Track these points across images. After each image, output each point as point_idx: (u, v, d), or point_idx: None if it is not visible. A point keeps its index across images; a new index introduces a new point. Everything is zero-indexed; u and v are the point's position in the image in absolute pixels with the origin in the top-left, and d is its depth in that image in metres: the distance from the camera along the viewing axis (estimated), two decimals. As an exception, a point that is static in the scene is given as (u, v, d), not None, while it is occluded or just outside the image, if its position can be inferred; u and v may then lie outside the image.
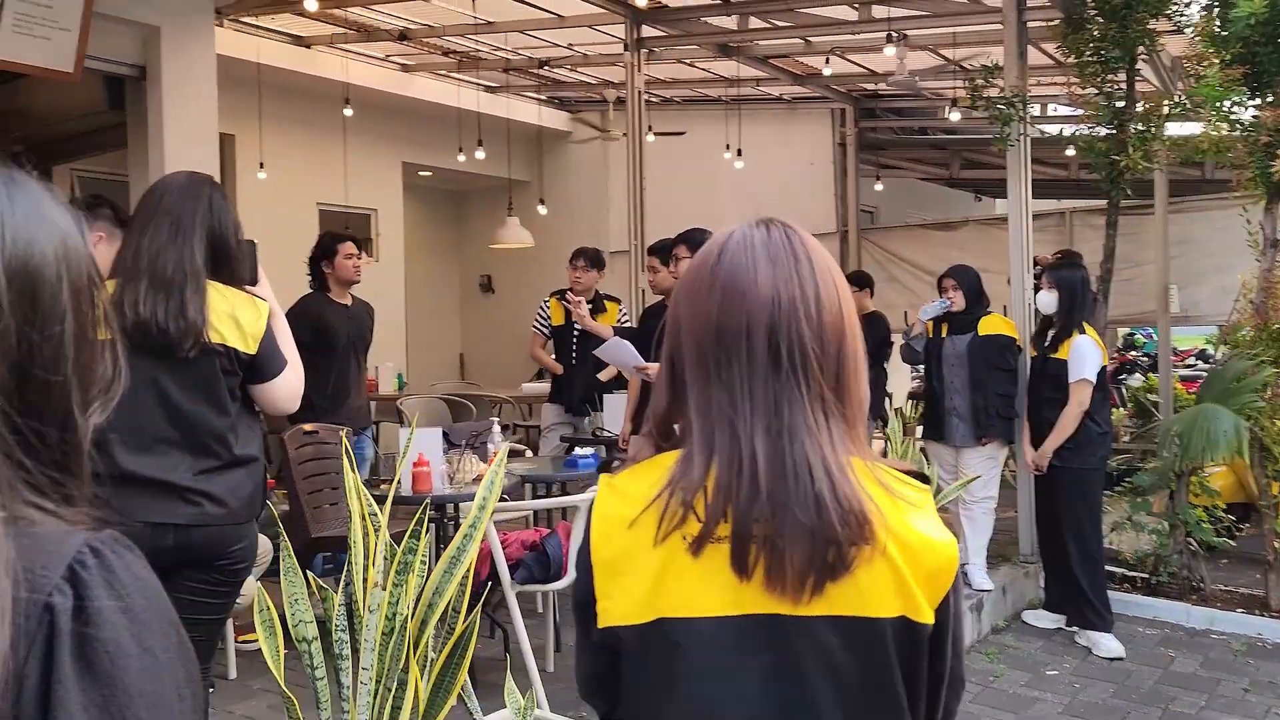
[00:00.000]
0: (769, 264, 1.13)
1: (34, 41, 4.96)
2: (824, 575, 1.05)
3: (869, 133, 10.20)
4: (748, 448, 1.07)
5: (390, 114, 9.85)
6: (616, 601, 1.11)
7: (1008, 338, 5.39)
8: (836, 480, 1.07)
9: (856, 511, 1.06)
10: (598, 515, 1.15)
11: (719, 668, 1.08)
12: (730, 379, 1.10)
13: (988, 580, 5.33)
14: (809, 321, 1.11)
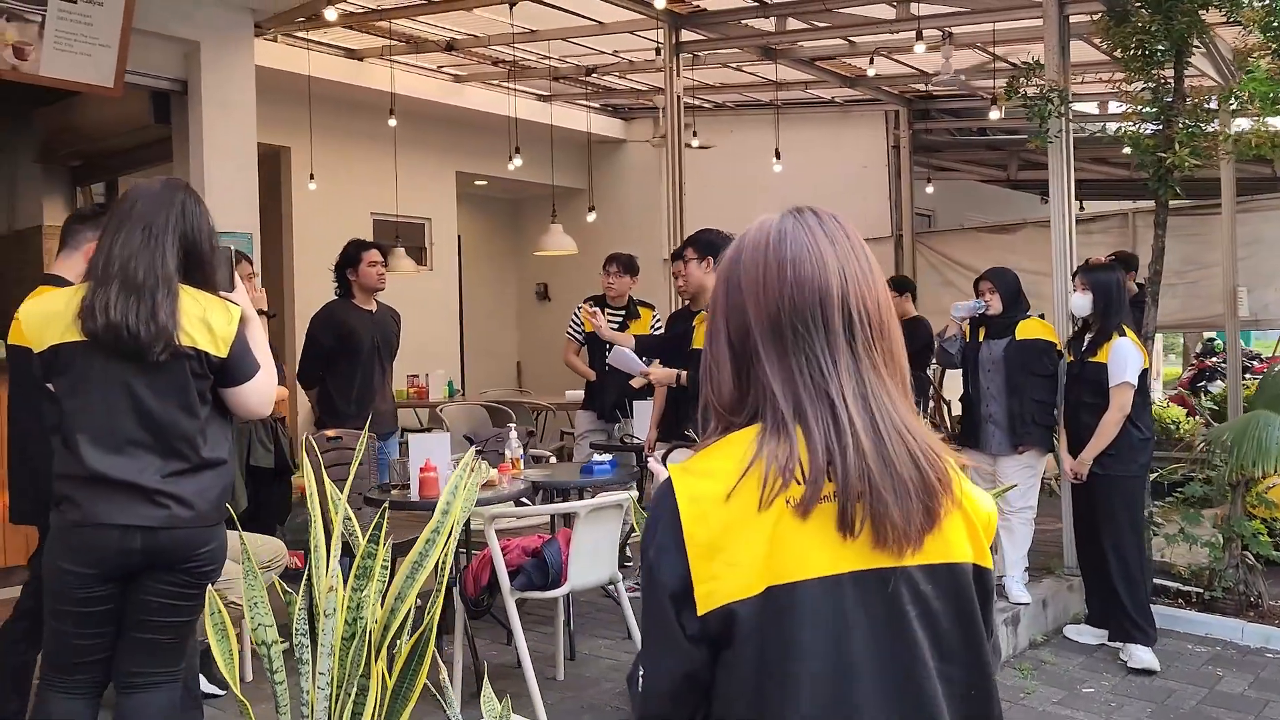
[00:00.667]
0: (829, 243, 1.23)
1: (75, 58, 5.13)
2: (925, 527, 1.15)
3: (923, 134, 9.99)
4: (843, 410, 1.16)
5: (442, 124, 9.98)
6: (724, 580, 1.12)
7: (1046, 342, 5.20)
8: (920, 439, 1.18)
9: (943, 467, 1.18)
10: (685, 498, 1.15)
11: (829, 625, 1.12)
12: (812, 349, 1.19)
13: (1025, 593, 5.14)
14: (870, 294, 1.22)
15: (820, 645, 1.12)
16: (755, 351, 1.21)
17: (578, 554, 3.51)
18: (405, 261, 9.02)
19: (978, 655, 1.20)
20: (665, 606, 1.14)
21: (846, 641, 1.13)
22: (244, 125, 5.92)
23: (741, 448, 1.17)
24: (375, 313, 5.10)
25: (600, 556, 3.61)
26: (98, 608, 2.44)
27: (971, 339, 5.41)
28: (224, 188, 5.81)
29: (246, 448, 4.37)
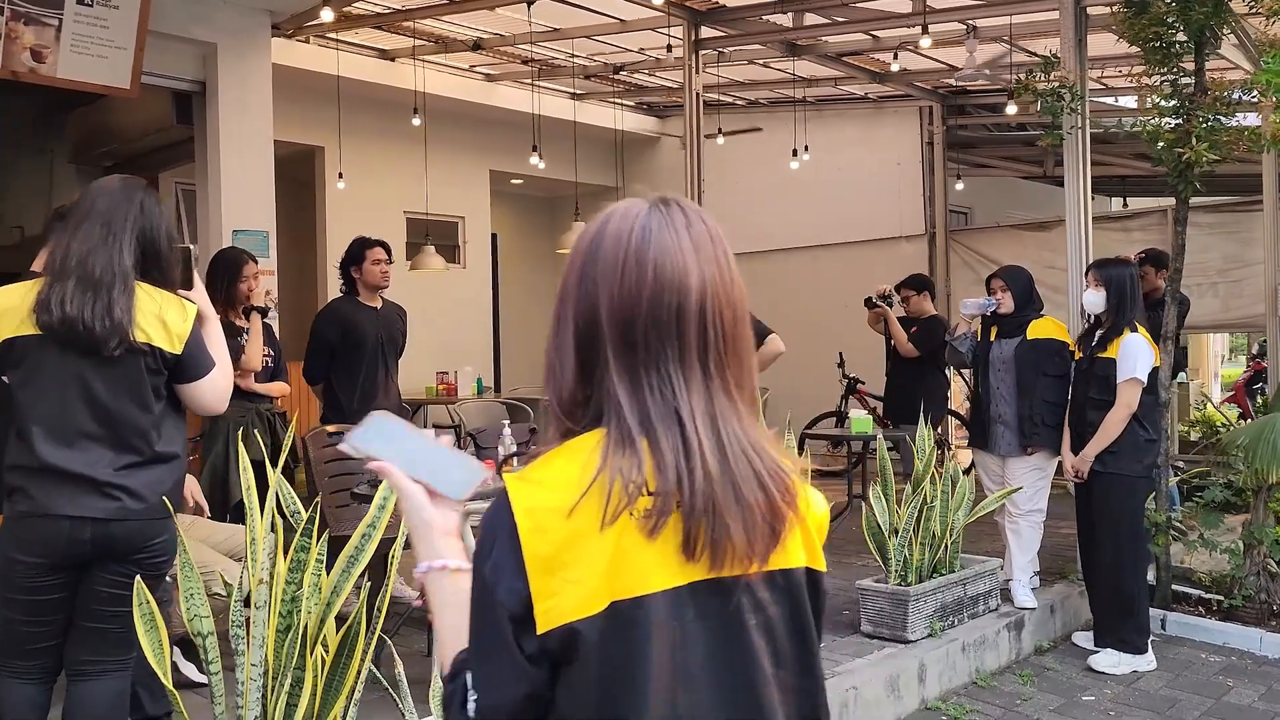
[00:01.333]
0: (694, 249, 1.17)
1: (92, 60, 5.27)
2: (770, 548, 1.14)
3: (958, 130, 9.83)
4: (692, 431, 1.12)
5: (475, 123, 10.06)
6: (565, 597, 1.08)
7: (1059, 342, 5.09)
8: (767, 459, 1.16)
9: (789, 485, 1.17)
10: (523, 510, 1.09)
11: (672, 638, 1.11)
12: (664, 364, 1.14)
13: (1031, 598, 5.03)
14: (729, 308, 1.17)
15: (664, 658, 1.11)
16: (603, 354, 1.15)
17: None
18: (435, 259, 9.11)
19: (809, 658, 1.21)
20: (503, 627, 1.08)
21: (689, 653, 1.12)
22: (261, 125, 6.03)
23: (583, 456, 1.12)
24: (380, 310, 5.16)
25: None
26: (48, 597, 2.51)
27: (983, 338, 5.32)
28: (241, 187, 5.93)
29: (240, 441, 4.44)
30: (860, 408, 7.89)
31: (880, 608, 4.50)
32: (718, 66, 8.60)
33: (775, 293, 10.67)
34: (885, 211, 10.00)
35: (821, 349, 9.48)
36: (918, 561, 4.57)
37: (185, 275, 2.76)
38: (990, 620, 4.80)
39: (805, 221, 10.31)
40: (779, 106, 10.26)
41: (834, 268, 10.15)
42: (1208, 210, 8.62)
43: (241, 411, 4.48)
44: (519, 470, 1.19)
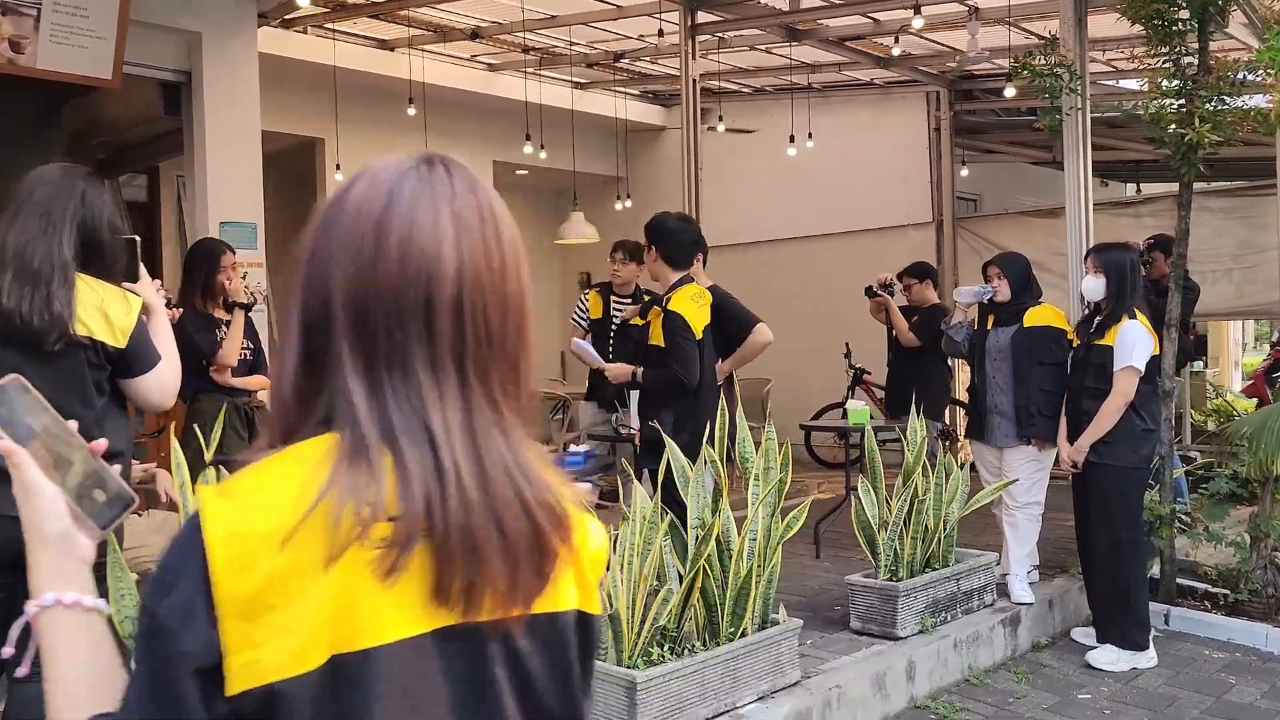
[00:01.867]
0: (455, 223, 0.93)
1: (72, 51, 5.21)
2: (535, 588, 0.93)
3: (966, 116, 9.66)
4: (444, 443, 0.89)
5: (477, 114, 9.98)
6: (270, 649, 0.83)
7: (1056, 330, 4.96)
8: (535, 482, 0.93)
9: (559, 513, 0.95)
10: (222, 536, 0.84)
11: (408, 697, 0.88)
12: (411, 360, 0.91)
13: (1028, 593, 4.91)
14: (496, 299, 0.94)
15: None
16: (335, 343, 0.91)
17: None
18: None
19: (572, 710, 1.00)
20: (181, 687, 0.83)
21: (428, 713, 0.90)
22: (249, 116, 5.97)
23: (306, 468, 0.87)
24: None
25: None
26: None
27: (980, 327, 5.20)
28: (229, 178, 5.87)
29: (220, 436, 4.38)
30: (865, 398, 7.74)
31: (869, 603, 4.39)
32: (719, 53, 8.48)
33: (782, 282, 10.54)
34: (893, 199, 9.85)
35: (828, 339, 9.36)
36: (909, 556, 4.46)
37: (130, 267, 2.68)
38: (985, 616, 4.69)
39: (812, 210, 10.18)
40: (784, 94, 10.12)
41: (841, 256, 10.01)
42: (1221, 195, 8.44)
43: (219, 405, 4.41)
44: (220, 482, 0.97)
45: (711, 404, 4.14)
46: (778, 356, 10.25)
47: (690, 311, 4.24)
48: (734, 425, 3.85)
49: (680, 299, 4.27)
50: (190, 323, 4.40)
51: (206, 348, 4.39)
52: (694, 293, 4.34)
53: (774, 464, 3.78)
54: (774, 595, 3.78)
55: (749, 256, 10.85)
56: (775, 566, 3.73)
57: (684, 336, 4.19)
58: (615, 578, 3.23)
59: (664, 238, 4.40)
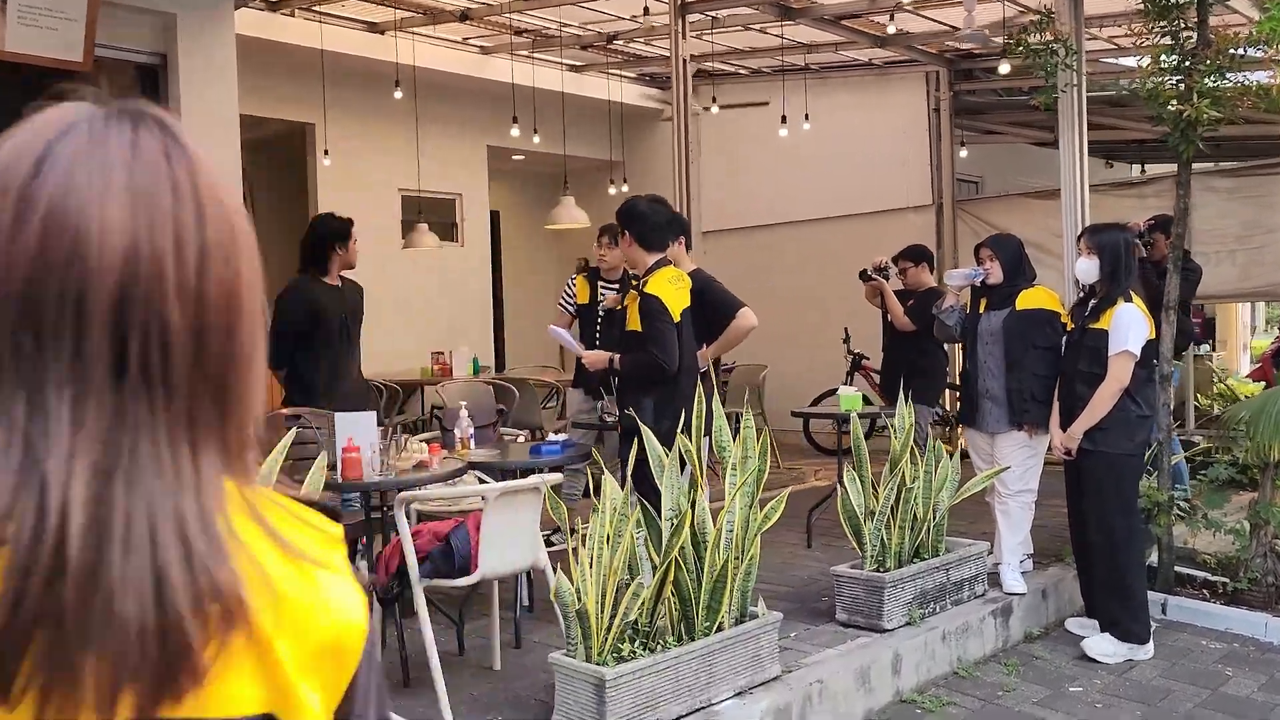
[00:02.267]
0: (129, 198, 0.69)
1: (40, 33, 5.09)
2: (157, 692, 0.66)
3: (966, 96, 9.49)
4: (58, 491, 0.66)
5: (470, 98, 9.84)
6: None
7: (1049, 312, 4.82)
8: (196, 546, 0.68)
9: (224, 591, 0.68)
10: None
11: None
12: (36, 376, 0.68)
13: (1020, 583, 4.79)
14: (183, 296, 0.70)
15: None
16: None
17: (489, 539, 3.33)
18: (428, 237, 8.93)
19: None
20: None
21: None
22: (225, 99, 5.84)
23: None
24: (341, 288, 4.98)
25: (517, 542, 3.42)
26: None
27: (972, 310, 5.07)
28: (205, 163, 5.74)
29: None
30: (864, 385, 7.60)
31: (855, 595, 4.28)
32: (712, 34, 8.33)
33: (782, 267, 10.42)
34: (892, 182, 9.70)
35: (827, 324, 9.24)
36: (896, 546, 4.34)
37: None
38: (975, 607, 4.57)
39: (810, 193, 10.04)
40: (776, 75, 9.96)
41: (840, 240, 9.86)
42: (1226, 174, 8.27)
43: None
44: None
45: (693, 390, 4.02)
46: (776, 342, 10.17)
47: (667, 294, 4.12)
48: (711, 413, 3.73)
49: (657, 281, 4.16)
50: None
51: None
52: (671, 275, 4.22)
53: (752, 453, 3.66)
54: (753, 587, 3.67)
55: (749, 240, 10.72)
56: (754, 558, 3.62)
57: (661, 320, 4.07)
58: (584, 571, 3.12)
59: (635, 220, 4.27)
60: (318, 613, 0.73)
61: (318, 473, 3.22)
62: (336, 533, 0.78)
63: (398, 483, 3.65)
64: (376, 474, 3.68)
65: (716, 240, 11.07)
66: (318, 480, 2.69)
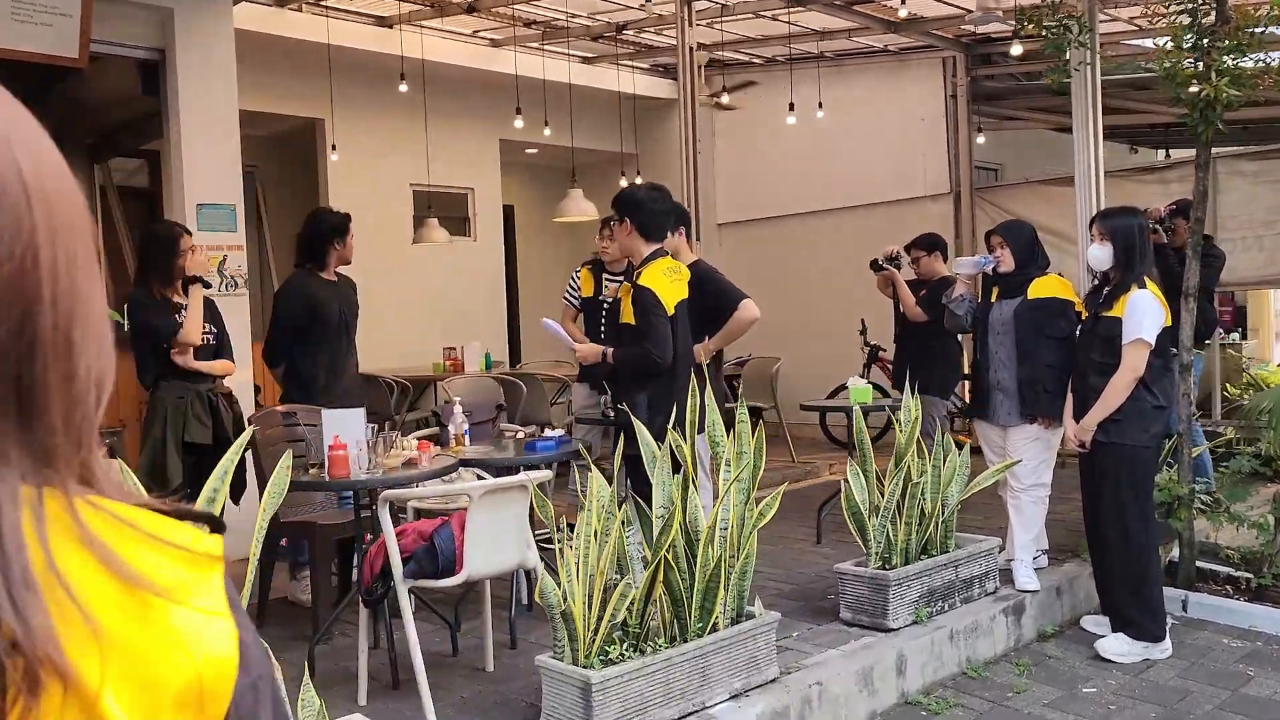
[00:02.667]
0: None
1: (35, 29, 5.06)
2: None
3: (985, 81, 9.29)
4: None
5: (480, 91, 9.76)
6: None
7: (1062, 301, 4.67)
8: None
9: (32, 640, 0.54)
10: None
11: None
12: None
13: (1033, 579, 4.65)
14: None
15: None
16: None
17: (473, 539, 3.24)
18: (438, 232, 8.86)
19: None
20: None
21: None
22: (224, 94, 5.79)
23: None
24: (339, 284, 4.90)
25: (503, 541, 3.33)
26: None
27: (983, 299, 4.93)
28: (205, 159, 5.70)
29: (182, 424, 4.23)
30: (861, 379, 7.44)
31: (859, 593, 4.16)
32: (721, 21, 8.20)
33: (798, 258, 10.28)
34: (909, 170, 9.53)
35: (844, 316, 9.10)
36: (902, 543, 4.22)
37: None
38: (985, 605, 4.44)
39: (826, 183, 9.88)
40: (795, 63, 9.80)
41: (856, 230, 9.71)
42: (1253, 158, 8.04)
43: (181, 393, 4.27)
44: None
45: (688, 384, 3.92)
46: (793, 334, 10.05)
47: (662, 286, 4.02)
48: (704, 408, 3.62)
49: (651, 273, 4.05)
50: (146, 307, 4.24)
51: (165, 331, 4.23)
52: (666, 266, 4.11)
53: (747, 448, 3.55)
54: (751, 586, 3.56)
55: (764, 232, 10.59)
56: (750, 556, 3.51)
57: (655, 313, 3.97)
58: (570, 571, 3.03)
59: (634, 208, 4.17)
60: (165, 655, 0.60)
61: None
62: (210, 549, 0.64)
63: (383, 480, 3.57)
64: (363, 472, 3.60)
65: (732, 232, 10.96)
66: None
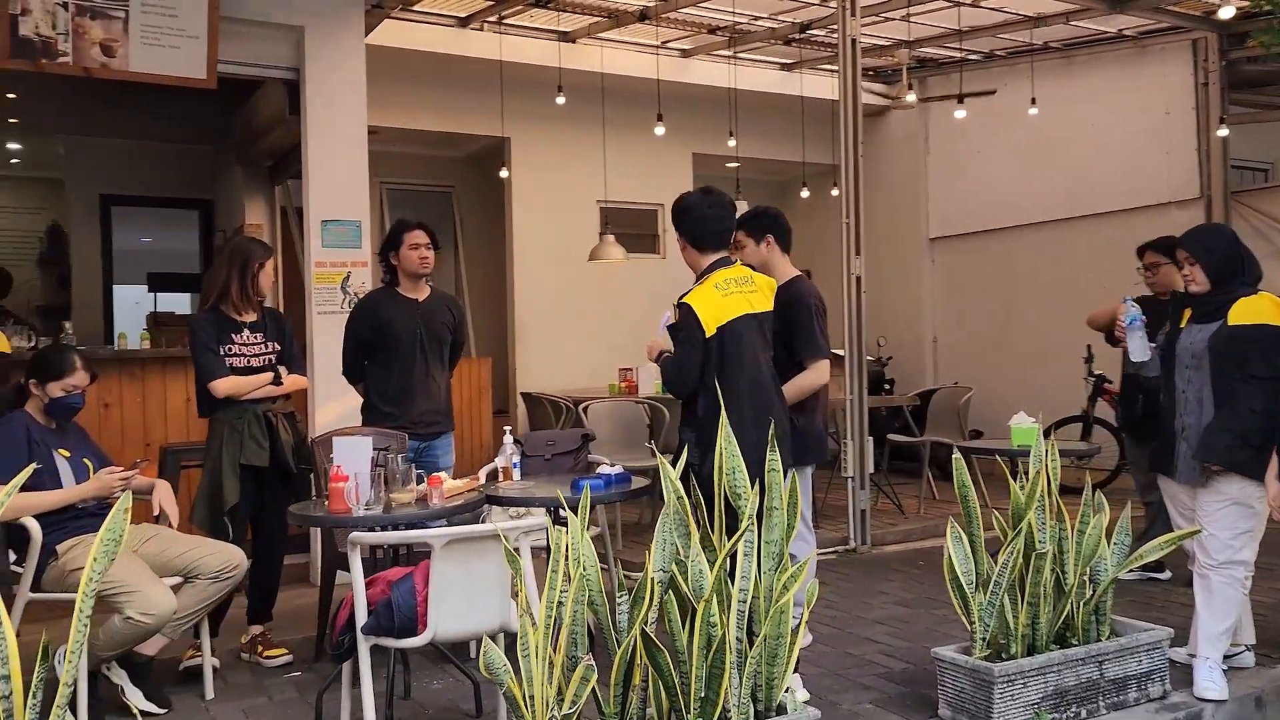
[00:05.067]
0: None
1: (164, 52, 5.18)
2: None
3: (1245, 65, 7.84)
4: None
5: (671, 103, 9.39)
6: None
7: (1273, 330, 3.61)
8: None
9: None
10: None
11: None
12: None
13: (1218, 684, 3.59)
14: None
15: None
16: None
17: (440, 594, 2.79)
18: (614, 249, 8.56)
19: None
20: None
21: None
22: (353, 111, 5.74)
23: None
24: (423, 302, 4.62)
25: (478, 599, 2.87)
26: None
27: (1172, 325, 3.92)
28: (331, 176, 5.68)
29: (238, 445, 4.09)
30: (1027, 416, 6.27)
31: (960, 687, 3.35)
32: (909, 11, 7.38)
33: (1016, 276, 9.17)
34: (1149, 173, 8.22)
35: (1067, 341, 7.94)
36: (1024, 626, 3.36)
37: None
38: (1145, 714, 3.47)
39: (1054, 191, 8.75)
40: (1017, 58, 8.73)
41: (1085, 243, 8.52)
42: None
43: (238, 414, 4.13)
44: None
45: (744, 420, 3.31)
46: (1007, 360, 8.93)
47: (706, 302, 3.42)
48: (725, 451, 2.97)
49: (701, 288, 3.48)
50: (202, 334, 4.12)
51: (204, 371, 4.09)
52: (725, 277, 3.51)
53: (779, 503, 2.89)
54: (785, 672, 2.89)
55: (980, 247, 9.55)
56: (784, 636, 2.84)
57: (681, 334, 3.40)
58: (525, 641, 2.51)
59: (680, 215, 3.60)
60: None
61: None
62: None
63: (371, 519, 3.21)
64: (361, 508, 3.26)
65: (945, 248, 9.96)
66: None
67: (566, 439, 4.59)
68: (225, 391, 4.07)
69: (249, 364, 4.20)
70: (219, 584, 3.67)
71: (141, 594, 3.37)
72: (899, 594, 5.17)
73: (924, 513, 6.95)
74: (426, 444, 4.60)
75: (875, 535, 6.31)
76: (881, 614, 4.79)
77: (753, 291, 3.55)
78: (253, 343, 4.24)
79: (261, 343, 4.26)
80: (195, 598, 3.64)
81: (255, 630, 4.29)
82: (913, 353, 9.99)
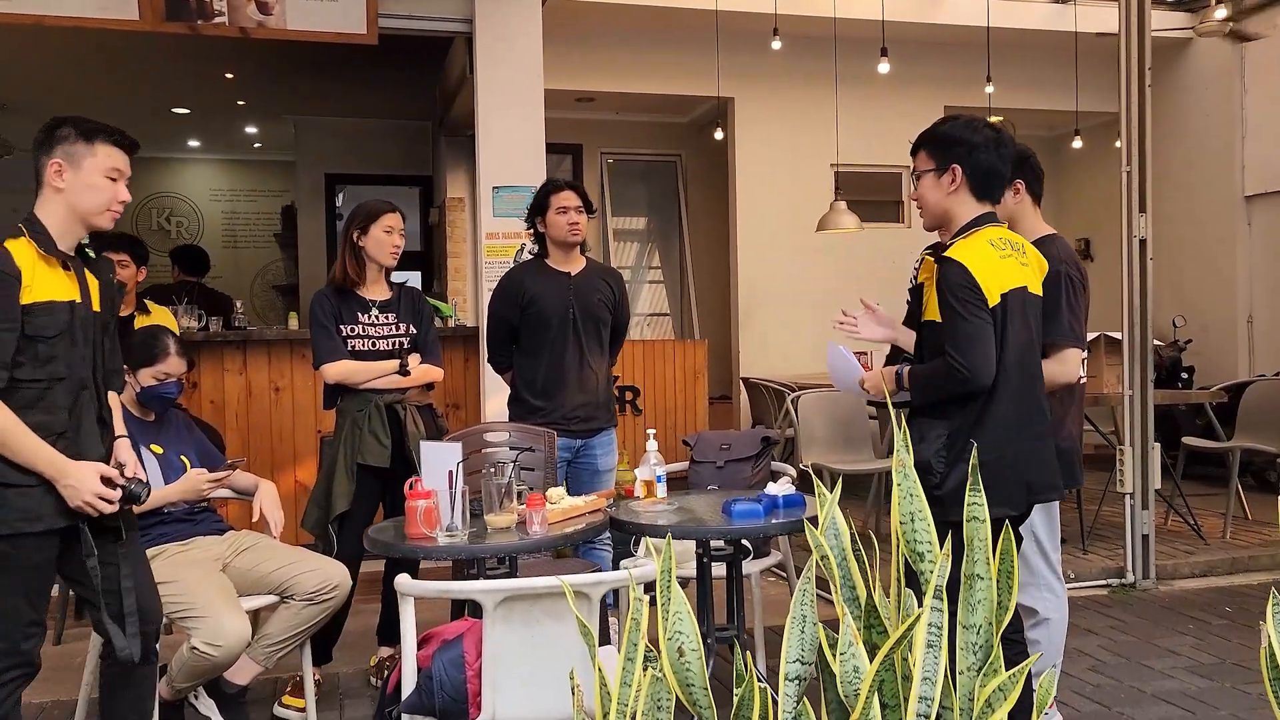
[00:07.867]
0: None
1: (322, 6, 4.82)
2: None
3: None
4: None
5: (918, 50, 8.23)
6: None
7: None
8: None
9: None
10: None
11: None
12: None
13: None
14: None
15: None
16: None
17: (496, 669, 2.04)
18: (846, 217, 7.55)
19: None
20: None
21: None
22: (528, 70, 5.13)
23: None
24: (576, 275, 3.89)
25: (549, 676, 2.09)
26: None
27: None
28: (503, 138, 5.11)
29: (357, 442, 3.54)
30: None
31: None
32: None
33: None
34: None
35: None
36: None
37: None
38: None
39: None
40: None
41: None
42: None
43: (361, 405, 3.57)
44: None
45: (1017, 420, 2.39)
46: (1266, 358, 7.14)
47: (982, 260, 2.45)
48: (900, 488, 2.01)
49: (970, 243, 2.50)
50: (318, 310, 3.60)
51: (314, 352, 3.58)
52: (995, 235, 2.52)
53: (984, 570, 1.91)
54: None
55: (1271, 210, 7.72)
56: (990, 769, 1.87)
57: (963, 300, 2.42)
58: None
59: (965, 150, 2.55)
60: None
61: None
62: None
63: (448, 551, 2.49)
64: (443, 536, 2.57)
65: (1266, 206, 8.13)
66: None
67: (744, 441, 3.72)
68: (335, 377, 3.54)
69: (374, 347, 3.63)
70: (314, 607, 3.12)
71: (212, 620, 2.87)
72: (1194, 655, 3.94)
73: (1231, 538, 5.51)
74: (583, 442, 3.89)
75: (1163, 567, 5.01)
76: (1168, 686, 3.61)
77: (1025, 265, 2.56)
78: (381, 323, 3.67)
79: (392, 324, 3.68)
80: (288, 623, 3.11)
81: (385, 652, 3.75)
82: (1221, 335, 8.26)
